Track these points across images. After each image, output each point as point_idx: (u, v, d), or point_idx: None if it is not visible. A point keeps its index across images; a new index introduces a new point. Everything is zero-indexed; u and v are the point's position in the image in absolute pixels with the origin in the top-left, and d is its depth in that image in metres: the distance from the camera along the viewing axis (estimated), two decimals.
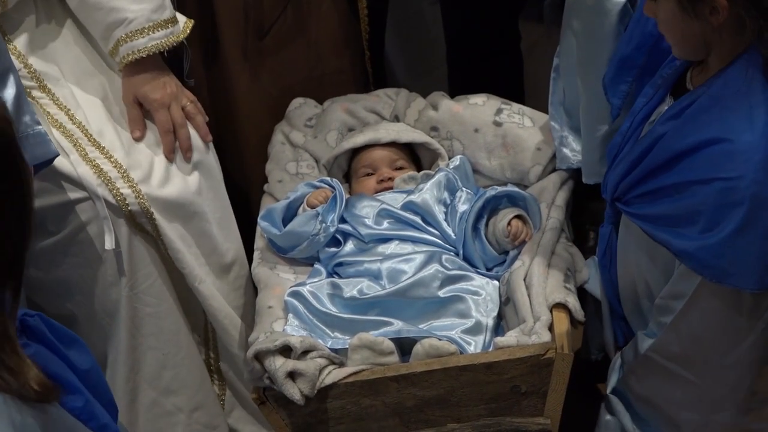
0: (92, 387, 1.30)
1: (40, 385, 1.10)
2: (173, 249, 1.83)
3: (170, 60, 1.99)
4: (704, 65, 1.53)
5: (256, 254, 1.95)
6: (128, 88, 1.87)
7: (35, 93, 1.80)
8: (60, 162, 1.71)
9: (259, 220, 1.96)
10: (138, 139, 1.84)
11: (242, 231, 2.01)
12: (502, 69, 2.39)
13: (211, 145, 1.95)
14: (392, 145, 2.03)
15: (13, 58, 1.72)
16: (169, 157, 1.86)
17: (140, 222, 1.79)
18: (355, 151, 2.06)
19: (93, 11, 1.84)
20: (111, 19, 1.83)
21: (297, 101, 2.19)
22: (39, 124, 1.61)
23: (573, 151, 1.96)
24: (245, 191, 2.19)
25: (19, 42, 1.83)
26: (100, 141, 1.79)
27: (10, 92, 1.55)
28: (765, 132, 1.42)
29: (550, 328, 1.66)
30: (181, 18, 1.94)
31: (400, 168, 2.03)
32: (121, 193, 1.76)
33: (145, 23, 1.84)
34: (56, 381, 1.18)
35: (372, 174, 2.02)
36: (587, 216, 2.09)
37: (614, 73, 1.74)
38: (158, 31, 1.86)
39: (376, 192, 2.02)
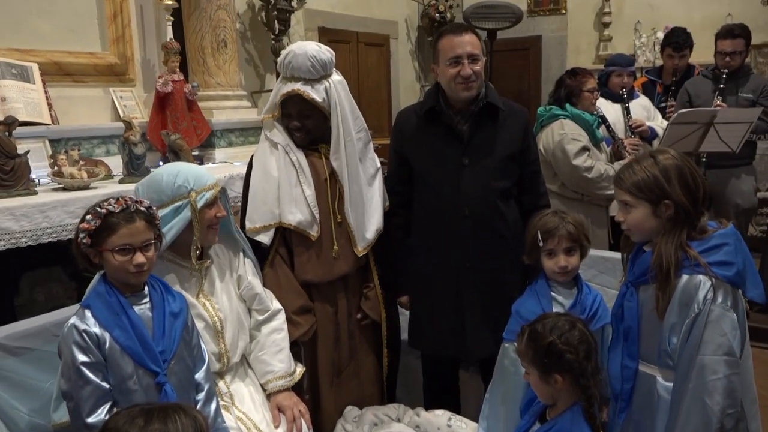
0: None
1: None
2: None
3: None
4: (555, 407, 2.08)
5: None
6: (273, 401, 2.52)
7: (227, 403, 2.39)
8: None
9: None
10: (276, 427, 2.45)
11: None
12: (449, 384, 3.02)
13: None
14: None
15: (222, 384, 2.45)
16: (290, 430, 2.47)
17: None
18: None
19: (259, 363, 2.57)
20: (267, 369, 2.56)
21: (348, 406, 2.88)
22: (224, 422, 2.26)
23: None
24: None
25: (228, 378, 2.51)
26: (257, 423, 2.42)
27: (213, 406, 2.22)
28: None
29: None
30: (299, 368, 2.62)
31: None
32: None
33: (283, 374, 2.55)
34: None
35: None
36: None
37: (523, 407, 2.30)
38: (288, 378, 2.56)
39: None
